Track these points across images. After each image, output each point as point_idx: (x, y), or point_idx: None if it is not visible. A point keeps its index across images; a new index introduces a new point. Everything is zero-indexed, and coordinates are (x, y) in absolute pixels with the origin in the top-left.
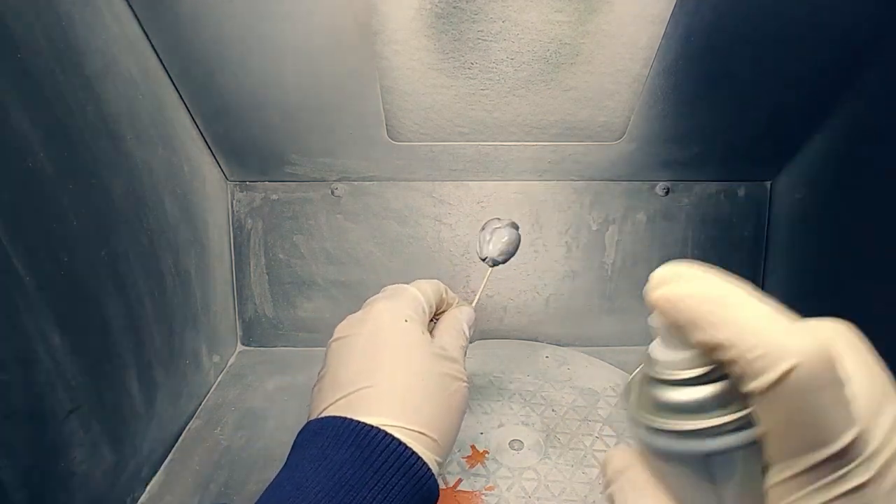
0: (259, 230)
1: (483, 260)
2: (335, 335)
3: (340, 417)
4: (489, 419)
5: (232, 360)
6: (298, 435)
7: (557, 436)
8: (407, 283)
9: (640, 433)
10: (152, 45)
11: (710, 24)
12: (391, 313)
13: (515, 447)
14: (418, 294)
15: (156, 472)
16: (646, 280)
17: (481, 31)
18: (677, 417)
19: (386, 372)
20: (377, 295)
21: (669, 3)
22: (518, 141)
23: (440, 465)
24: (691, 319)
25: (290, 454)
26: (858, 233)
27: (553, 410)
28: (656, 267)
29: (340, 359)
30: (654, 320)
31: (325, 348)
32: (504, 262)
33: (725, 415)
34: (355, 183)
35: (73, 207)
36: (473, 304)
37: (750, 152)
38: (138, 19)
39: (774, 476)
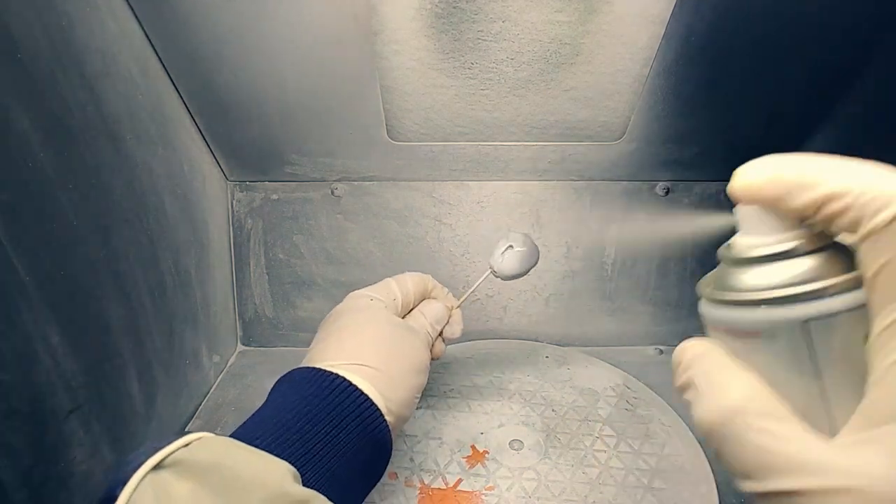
0: (259, 230)
1: (490, 267)
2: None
3: (297, 368)
4: (489, 419)
5: (232, 360)
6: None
7: (557, 436)
8: None
9: (733, 315)
10: (152, 45)
11: (711, 24)
12: (359, 296)
13: (515, 447)
14: (391, 282)
15: None
16: (645, 280)
17: (481, 31)
18: (777, 289)
19: (340, 330)
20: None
21: (669, 3)
22: (518, 141)
23: (390, 401)
24: (797, 184)
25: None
26: None
27: (553, 410)
28: (656, 267)
29: (319, 332)
30: (742, 207)
31: None
32: (507, 279)
33: (826, 280)
34: (355, 183)
35: (73, 207)
36: (459, 303)
37: (750, 152)
38: (138, 19)
39: (879, 324)
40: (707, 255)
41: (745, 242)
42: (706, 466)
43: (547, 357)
